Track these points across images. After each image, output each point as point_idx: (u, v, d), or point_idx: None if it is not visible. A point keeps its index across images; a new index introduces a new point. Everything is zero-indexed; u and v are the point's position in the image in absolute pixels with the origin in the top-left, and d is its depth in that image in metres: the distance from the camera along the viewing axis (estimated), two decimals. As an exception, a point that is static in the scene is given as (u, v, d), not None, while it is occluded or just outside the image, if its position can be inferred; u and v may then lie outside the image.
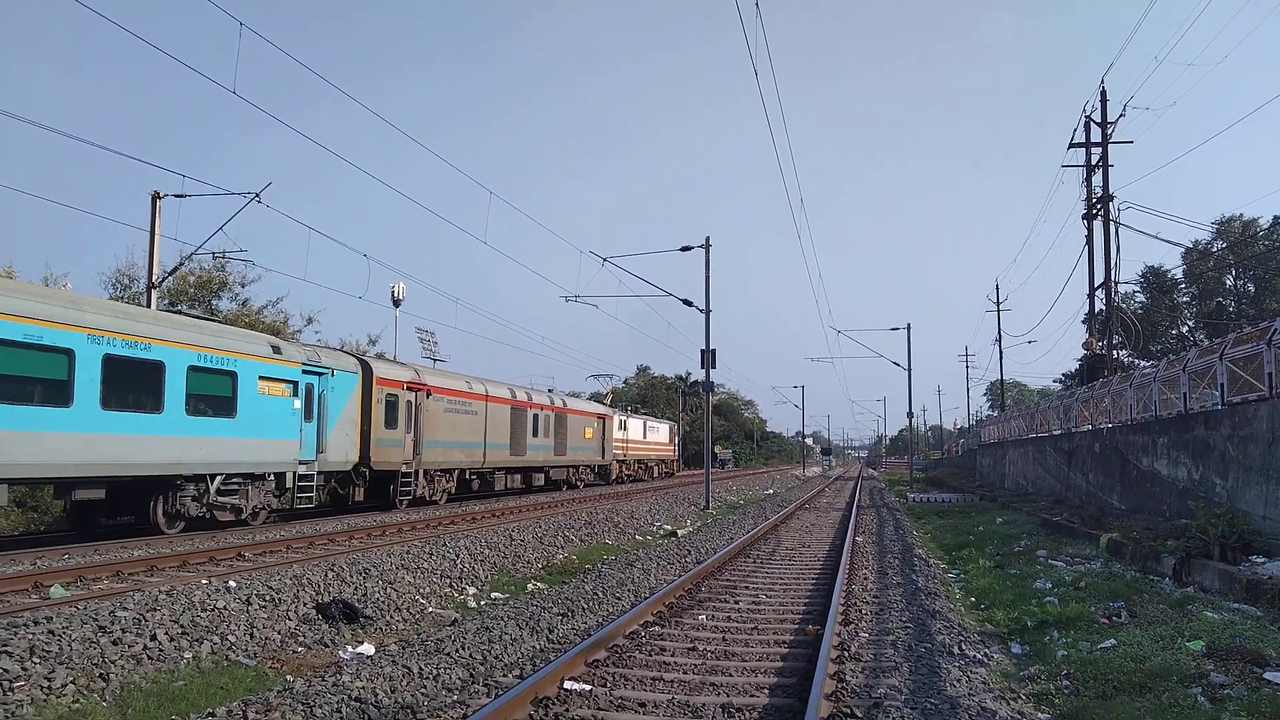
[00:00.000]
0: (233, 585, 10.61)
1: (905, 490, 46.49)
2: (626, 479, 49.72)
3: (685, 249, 31.63)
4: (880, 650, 8.87)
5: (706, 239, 31.54)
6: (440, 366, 37.87)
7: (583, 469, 41.90)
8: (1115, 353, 34.95)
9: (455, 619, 11.05)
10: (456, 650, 8.52)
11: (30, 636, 7.65)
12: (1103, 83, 31.22)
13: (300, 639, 9.58)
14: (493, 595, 13.05)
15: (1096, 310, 32.53)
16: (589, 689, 7.18)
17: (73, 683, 7.17)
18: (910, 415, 60.80)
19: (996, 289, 60.80)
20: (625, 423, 50.02)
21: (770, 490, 46.94)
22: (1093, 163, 31.29)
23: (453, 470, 28.99)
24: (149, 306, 24.02)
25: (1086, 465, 26.12)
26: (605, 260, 30.78)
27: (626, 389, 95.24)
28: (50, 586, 11.61)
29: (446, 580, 13.38)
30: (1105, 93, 30.90)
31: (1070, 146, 32.14)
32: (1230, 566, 12.12)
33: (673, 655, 8.56)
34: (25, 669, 7.15)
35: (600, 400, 57.88)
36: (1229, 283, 53.89)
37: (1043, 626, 10.09)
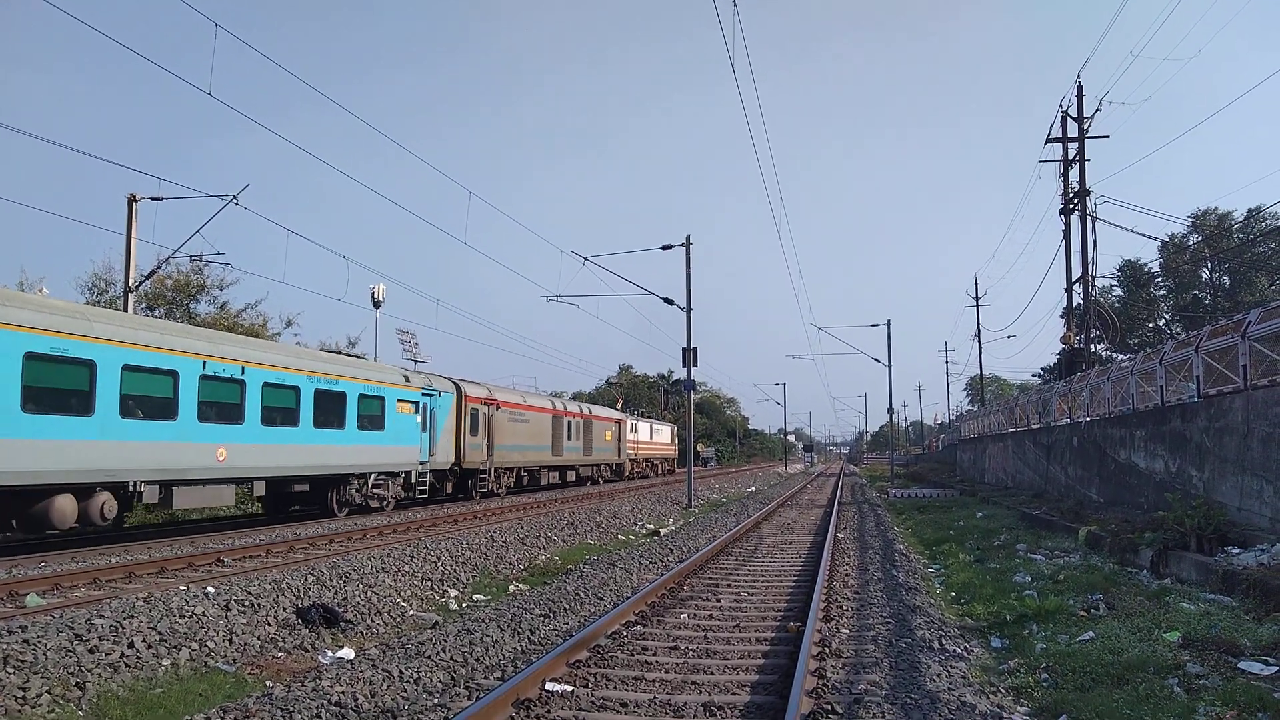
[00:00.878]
0: (211, 591, 10.54)
1: (886, 486, 46.68)
2: (636, 475, 55.20)
3: (666, 247, 31.67)
4: (861, 646, 8.90)
5: (687, 237, 31.59)
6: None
7: (603, 467, 47.85)
8: (1093, 346, 35.24)
9: (436, 622, 11.01)
10: (437, 653, 8.49)
11: (4, 646, 7.57)
12: (1079, 78, 31.47)
13: (280, 644, 9.52)
14: (474, 597, 13.02)
15: (1074, 304, 32.78)
16: (571, 690, 7.17)
17: (48, 692, 7.10)
18: (891, 411, 61.00)
19: (975, 284, 61.23)
20: (635, 426, 55.66)
21: (753, 488, 47.04)
22: (1069, 158, 31.53)
23: (514, 468, 35.28)
24: (125, 310, 23.84)
25: (1065, 459, 26.31)
26: (586, 260, 30.80)
27: (609, 388, 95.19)
28: (26, 595, 11.48)
29: (427, 583, 13.33)
30: (1082, 88, 31.15)
31: (1047, 141, 32.39)
32: (1206, 558, 12.24)
33: (654, 654, 8.56)
34: (-1, 679, 7.08)
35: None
36: (1205, 276, 54.37)
37: (1022, 620, 10.15)
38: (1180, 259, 50.31)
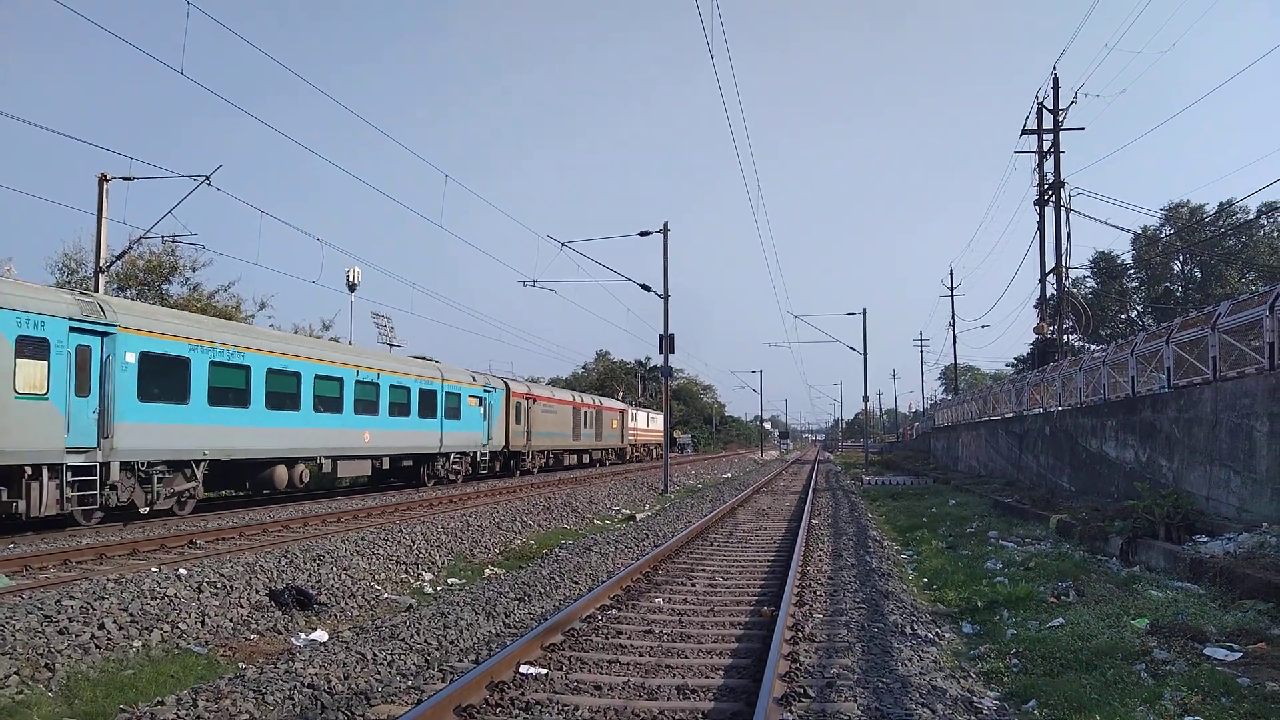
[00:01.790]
0: (183, 573, 10.46)
1: (861, 473, 46.93)
2: (635, 459, 61.48)
3: (644, 234, 31.61)
4: (834, 631, 8.96)
5: (665, 224, 31.54)
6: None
7: (609, 451, 54.99)
8: (1066, 337, 35.60)
9: (411, 605, 10.99)
10: (411, 636, 8.48)
11: (-28, 627, 7.49)
12: (1054, 70, 31.63)
13: (253, 626, 9.48)
14: (449, 581, 13.00)
15: (1048, 295, 33.06)
16: (545, 673, 7.18)
17: (16, 673, 7.03)
18: (866, 399, 61.31)
19: (950, 274, 61.39)
20: (635, 415, 62.00)
21: (728, 474, 47.21)
22: (1045, 149, 31.72)
23: (545, 451, 42.76)
24: (97, 291, 23.54)
25: (1037, 448, 26.57)
26: (564, 245, 30.74)
27: (585, 374, 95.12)
28: (-6, 576, 11.35)
29: (402, 566, 13.30)
30: (1057, 79, 31.31)
31: (1023, 133, 32.56)
32: (1175, 546, 12.40)
33: (629, 638, 8.58)
34: (-33, 660, 7.00)
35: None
36: (1176, 268, 54.99)
37: (993, 606, 10.25)
38: (1152, 251, 50.83)
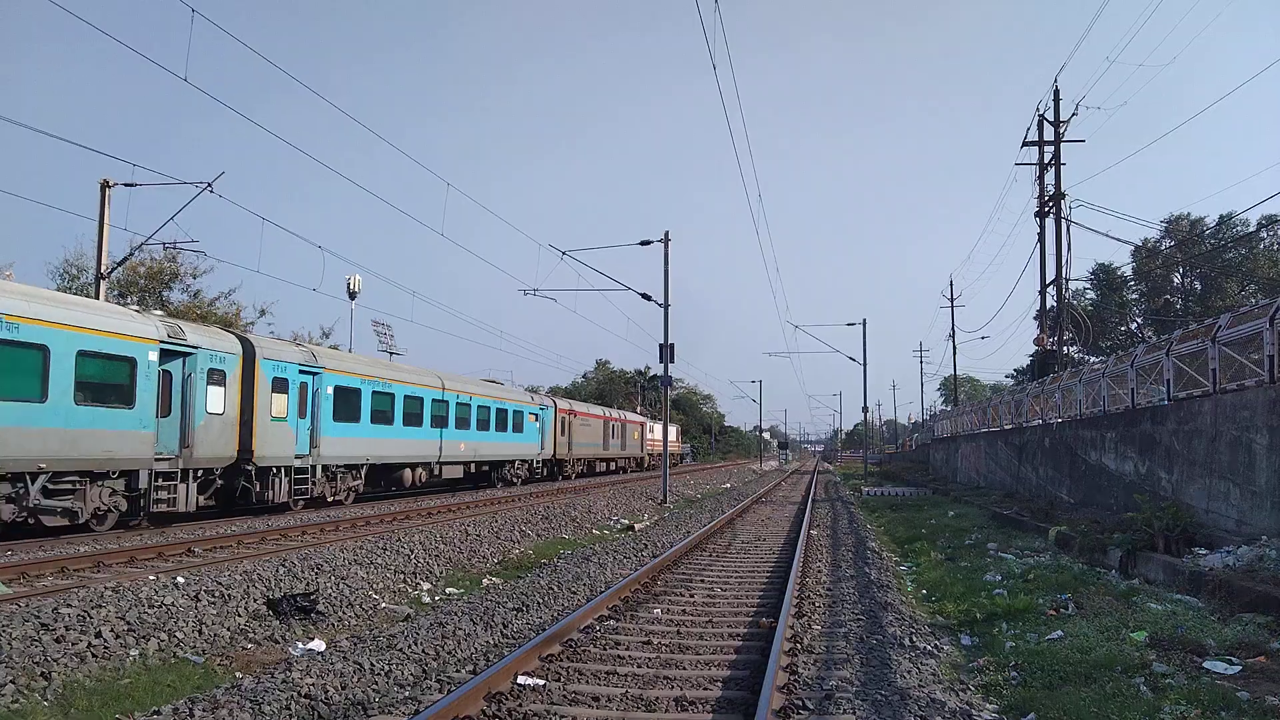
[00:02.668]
0: (181, 581, 10.44)
1: (860, 484, 46.89)
2: (651, 467, 64.72)
3: (644, 243, 31.64)
4: (833, 643, 8.95)
5: (665, 234, 31.60)
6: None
7: (631, 459, 60.23)
8: (1066, 348, 35.61)
9: (409, 615, 10.97)
10: (409, 646, 8.45)
11: (-32, 635, 7.47)
12: (1056, 82, 31.73)
13: (250, 635, 9.46)
14: (447, 590, 12.97)
15: (1048, 306, 33.07)
16: (543, 684, 7.16)
17: (12, 682, 7.01)
18: (865, 410, 61.46)
19: (950, 285, 61.42)
20: (653, 427, 66.55)
21: (728, 484, 47.16)
22: (1045, 161, 31.76)
23: (582, 459, 48.36)
24: (98, 298, 23.57)
25: (1037, 459, 26.55)
26: (564, 254, 30.84)
27: (585, 383, 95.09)
28: (-9, 583, 11.33)
29: (400, 576, 13.27)
30: (1058, 91, 31.37)
31: (1024, 145, 32.59)
32: (1174, 559, 12.39)
33: (627, 649, 8.56)
34: (-37, 668, 6.98)
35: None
36: (1176, 281, 55.00)
37: (992, 618, 10.23)
38: (1152, 264, 50.88)
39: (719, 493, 38.84)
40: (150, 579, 10.77)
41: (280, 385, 21.15)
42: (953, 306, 61.18)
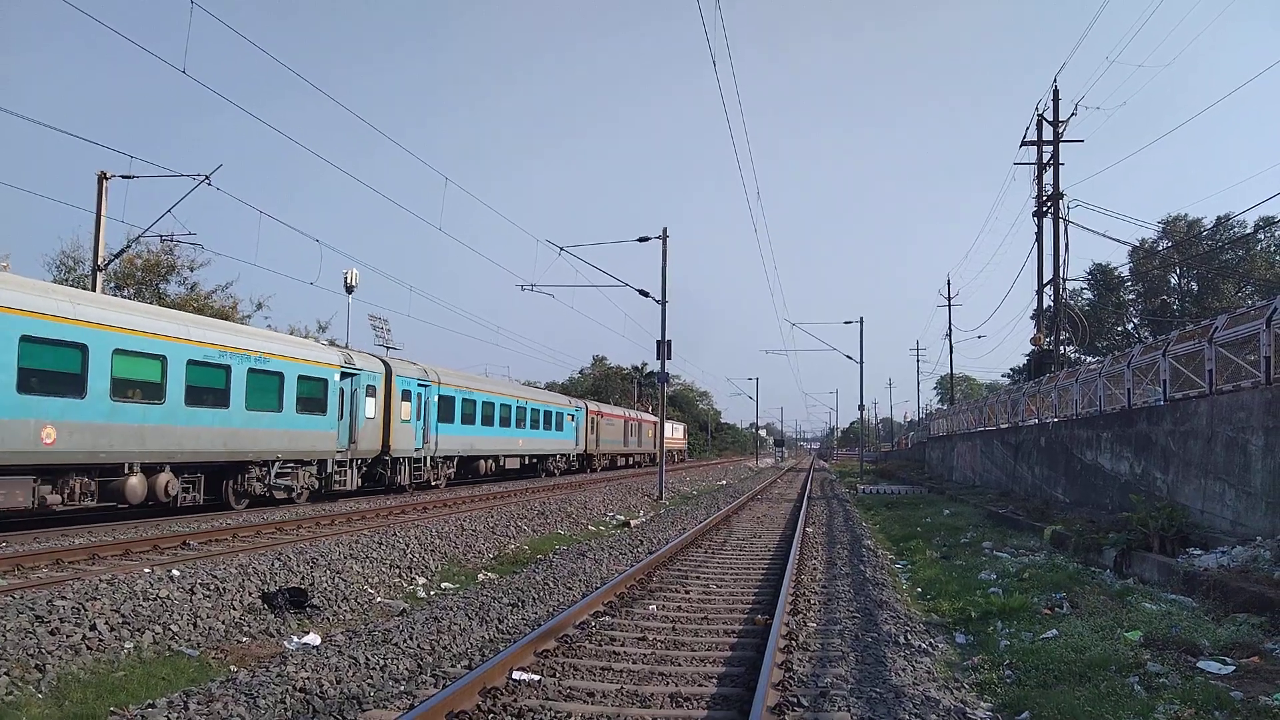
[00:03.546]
0: (176, 574, 10.42)
1: (855, 482, 46.93)
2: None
3: (643, 240, 31.66)
4: (828, 640, 8.95)
5: (663, 230, 31.60)
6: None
7: (645, 455, 65.57)
8: (1062, 348, 35.62)
9: (404, 609, 10.96)
10: (404, 640, 8.45)
11: (-37, 626, 7.46)
12: (1055, 82, 31.73)
13: (245, 629, 9.45)
14: (442, 585, 12.97)
15: (1045, 306, 33.10)
16: (538, 679, 7.16)
17: (6, 674, 7.00)
18: (861, 408, 61.51)
19: (948, 284, 61.50)
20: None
21: (724, 481, 47.19)
22: (1044, 161, 31.79)
23: (607, 455, 54.69)
24: (94, 290, 23.51)
25: (1032, 459, 26.58)
26: (562, 250, 30.81)
27: (582, 379, 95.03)
28: (-14, 575, 11.32)
29: (396, 570, 13.27)
30: (1058, 91, 31.41)
31: (1023, 144, 32.62)
32: (1169, 559, 12.41)
33: (622, 645, 8.57)
34: (-43, 659, 6.97)
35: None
36: (1174, 281, 55.05)
37: (987, 617, 10.25)
38: (1150, 264, 50.91)
39: (714, 489, 38.87)
40: (145, 572, 10.74)
41: (406, 395, 27.66)
42: (950, 305, 61.30)
